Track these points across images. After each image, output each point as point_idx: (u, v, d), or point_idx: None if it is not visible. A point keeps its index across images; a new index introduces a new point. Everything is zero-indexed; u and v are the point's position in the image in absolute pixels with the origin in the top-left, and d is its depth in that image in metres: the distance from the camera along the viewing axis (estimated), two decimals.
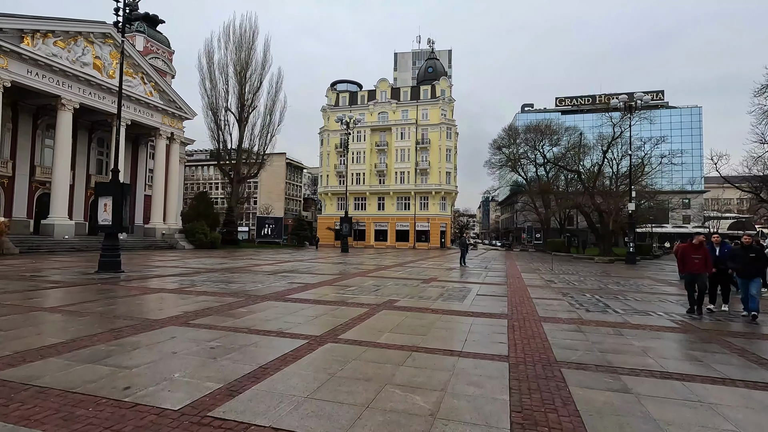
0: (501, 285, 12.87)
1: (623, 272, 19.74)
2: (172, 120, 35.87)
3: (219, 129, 45.26)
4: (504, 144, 65.56)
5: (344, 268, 18.27)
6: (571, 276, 16.80)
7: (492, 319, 7.36)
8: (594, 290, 12.02)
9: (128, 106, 31.66)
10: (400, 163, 63.32)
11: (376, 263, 21.98)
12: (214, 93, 44.65)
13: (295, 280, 12.68)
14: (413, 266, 20.36)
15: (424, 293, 10.42)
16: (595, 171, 39.15)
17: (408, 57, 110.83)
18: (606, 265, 25.60)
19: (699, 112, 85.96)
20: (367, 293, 10.10)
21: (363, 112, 66.52)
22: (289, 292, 9.86)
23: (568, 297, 10.38)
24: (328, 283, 12.19)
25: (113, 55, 30.34)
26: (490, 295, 10.50)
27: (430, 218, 61.14)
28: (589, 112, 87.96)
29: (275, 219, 45.95)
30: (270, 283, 11.79)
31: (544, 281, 14.39)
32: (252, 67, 46.84)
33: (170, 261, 19.78)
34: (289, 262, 20.74)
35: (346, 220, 34.46)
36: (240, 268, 16.35)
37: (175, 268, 15.84)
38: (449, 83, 65.65)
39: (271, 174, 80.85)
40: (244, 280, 12.19)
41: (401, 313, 7.64)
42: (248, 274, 14.05)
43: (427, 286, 12.06)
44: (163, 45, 40.78)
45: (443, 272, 17.20)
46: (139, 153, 38.10)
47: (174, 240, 34.37)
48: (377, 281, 12.91)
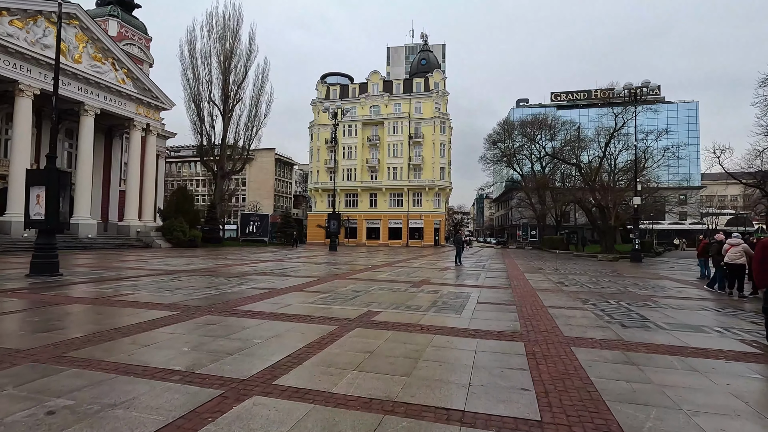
0: (504, 289, 10.93)
1: (634, 271, 17.92)
2: (148, 110, 33.54)
3: (202, 122, 43.04)
4: (499, 139, 63.79)
5: (326, 268, 16.24)
6: (580, 276, 14.93)
7: (503, 342, 5.39)
8: (615, 295, 10.13)
9: (97, 93, 29.34)
10: (392, 158, 61.32)
11: (364, 263, 19.99)
12: (197, 84, 42.46)
13: (260, 284, 10.65)
14: (404, 266, 18.39)
15: (413, 301, 8.44)
16: (596, 164, 37.42)
17: (401, 51, 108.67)
18: (611, 264, 23.82)
19: (696, 107, 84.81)
20: (343, 302, 8.10)
21: (354, 105, 64.38)
22: (242, 302, 7.83)
23: (590, 305, 8.46)
24: (299, 287, 10.17)
25: (79, 37, 28.00)
26: (493, 303, 8.54)
27: (423, 215, 59.23)
28: (585, 107, 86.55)
29: (260, 216, 43.73)
30: (228, 288, 9.75)
31: (553, 283, 12.49)
32: (236, 57, 44.65)
33: (133, 262, 17.63)
34: (266, 263, 18.68)
35: (333, 216, 32.38)
36: (205, 270, 14.27)
37: (132, 270, 13.73)
38: (443, 76, 63.67)
39: (260, 170, 78.54)
40: (196, 286, 10.14)
41: (379, 334, 5.65)
42: (209, 277, 11.99)
43: (417, 290, 10.09)
44: (140, 31, 38.37)
45: (437, 273, 15.24)
46: (113, 146, 35.70)
47: (150, 238, 32.10)
48: (360, 285, 10.92)
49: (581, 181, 39.36)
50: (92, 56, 28.91)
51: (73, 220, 28.58)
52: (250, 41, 45.54)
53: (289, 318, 6.52)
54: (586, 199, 34.75)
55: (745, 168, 33.73)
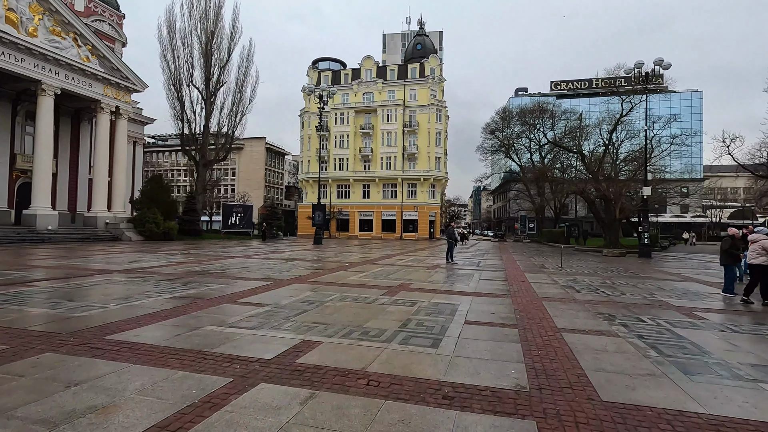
0: (502, 297, 8.66)
1: (649, 270, 15.69)
2: (117, 91, 30.86)
3: (183, 107, 40.44)
4: (497, 128, 61.30)
5: (294, 267, 13.94)
6: (590, 278, 12.68)
7: (502, 418, 3.11)
8: (644, 306, 7.87)
9: (57, 72, 26.65)
10: (386, 147, 58.81)
11: (343, 259, 17.69)
12: (177, 66, 39.77)
13: (191, 291, 8.34)
14: (388, 263, 16.10)
15: (376, 321, 6.15)
16: (600, 153, 35.09)
17: (397, 38, 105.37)
18: (619, 260, 21.64)
19: (699, 97, 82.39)
20: (277, 324, 5.80)
21: (347, 92, 61.75)
22: (125, 326, 5.51)
23: (619, 325, 6.18)
24: (237, 297, 7.86)
25: (34, 8, 25.24)
26: (487, 323, 6.26)
27: (418, 207, 56.93)
28: (586, 95, 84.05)
29: (244, 207, 41.23)
30: (138, 300, 7.44)
31: (561, 288, 10.23)
32: (219, 38, 41.95)
33: (78, 259, 15.25)
34: (231, 259, 16.35)
35: (318, 207, 29.95)
36: (146, 270, 11.94)
37: (56, 270, 11.38)
38: (439, 61, 60.95)
39: (250, 160, 75.90)
40: (103, 294, 7.82)
41: (295, 395, 3.36)
42: (137, 281, 9.66)
43: (389, 301, 7.80)
44: (111, 7, 35.50)
45: (422, 273, 12.96)
46: (81, 131, 33.07)
47: (119, 231, 29.66)
48: (319, 292, 8.63)
49: (583, 172, 37.11)
50: (50, 30, 26.18)
51: (30, 210, 26.21)
52: (233, 21, 42.86)
53: (163, 357, 4.21)
54: (588, 190, 32.48)
55: (752, 159, 31.68)
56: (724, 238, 10.20)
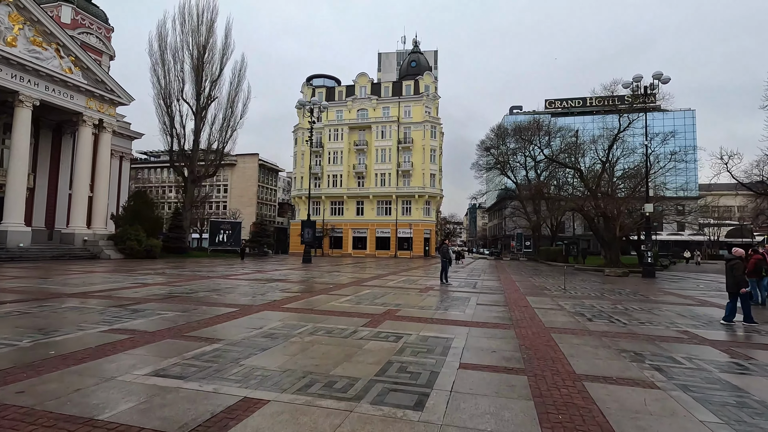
0: (503, 328, 7.42)
1: (659, 293, 14.50)
2: (101, 104, 29.84)
3: (172, 121, 39.52)
4: (492, 145, 60.83)
5: (271, 290, 12.63)
6: (599, 302, 11.47)
7: None
8: (671, 339, 6.65)
9: (36, 83, 25.64)
10: (380, 164, 58.00)
11: (329, 281, 16.39)
12: (167, 80, 39.04)
13: (137, 321, 7.04)
14: (377, 285, 14.83)
15: (346, 366, 4.89)
16: (598, 169, 34.31)
17: (392, 57, 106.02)
18: (622, 280, 20.48)
19: (693, 115, 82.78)
20: (220, 368, 4.54)
21: (341, 108, 61.28)
22: (23, 373, 4.23)
23: (652, 368, 4.96)
24: (191, 328, 6.57)
25: (13, 17, 24.39)
26: (488, 366, 5.01)
27: (412, 224, 55.78)
28: (580, 114, 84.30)
29: (232, 224, 39.85)
30: (73, 329, 6.14)
31: (570, 315, 9.01)
32: (211, 52, 41.42)
33: (31, 279, 13.87)
34: (206, 280, 15.00)
35: (308, 224, 28.68)
36: (102, 293, 10.60)
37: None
38: (434, 78, 60.85)
39: (242, 176, 74.84)
40: (25, 327, 6.52)
41: None
42: (78, 311, 8.35)
43: (369, 334, 6.53)
44: (99, 19, 34.84)
45: (412, 297, 11.70)
46: (63, 145, 31.89)
47: (98, 248, 28.20)
48: (288, 323, 7.36)
49: (580, 189, 36.28)
50: (31, 40, 25.28)
51: (1, 226, 24.77)
52: (226, 36, 42.44)
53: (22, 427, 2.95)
54: (587, 208, 31.54)
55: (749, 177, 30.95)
56: (733, 263, 8.72)
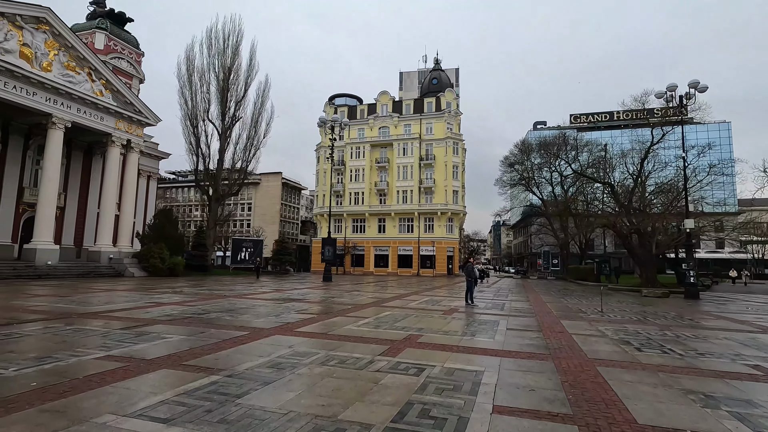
0: (540, 359, 6.52)
1: (710, 317, 13.13)
2: (129, 125, 30.68)
3: (197, 141, 40.41)
4: (516, 160, 59.60)
5: (284, 312, 12.05)
6: (644, 326, 10.33)
7: None
8: (743, 376, 5.61)
9: (68, 105, 26.57)
10: (402, 181, 57.59)
11: (348, 300, 15.72)
12: (194, 102, 40.13)
13: (137, 347, 6.53)
14: (398, 306, 14.05)
15: (358, 408, 4.16)
16: (630, 184, 32.72)
17: (414, 76, 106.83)
18: (663, 302, 18.97)
19: (728, 128, 79.36)
20: (210, 408, 3.91)
21: (363, 126, 61.62)
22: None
23: (736, 420, 4.03)
24: (191, 356, 6.01)
25: (50, 44, 25.47)
26: (528, 412, 4.18)
27: (435, 242, 54.75)
28: (607, 128, 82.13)
29: (254, 242, 39.95)
30: (67, 356, 5.67)
31: (614, 343, 7.99)
32: (236, 74, 42.43)
33: (42, 298, 13.79)
34: (222, 299, 14.58)
35: (328, 242, 28.25)
36: (113, 314, 10.27)
37: (6, 312, 9.84)
38: (455, 95, 60.55)
39: (266, 195, 75.81)
40: (20, 352, 6.10)
41: None
42: (81, 334, 7.96)
43: (387, 366, 5.79)
44: (130, 45, 36.25)
45: (437, 320, 10.87)
46: (93, 165, 32.87)
47: (122, 266, 28.54)
48: (298, 350, 6.71)
49: (610, 205, 34.64)
50: (65, 65, 26.32)
51: (31, 245, 25.37)
52: (250, 57, 43.42)
53: None
54: (620, 224, 29.94)
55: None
56: None
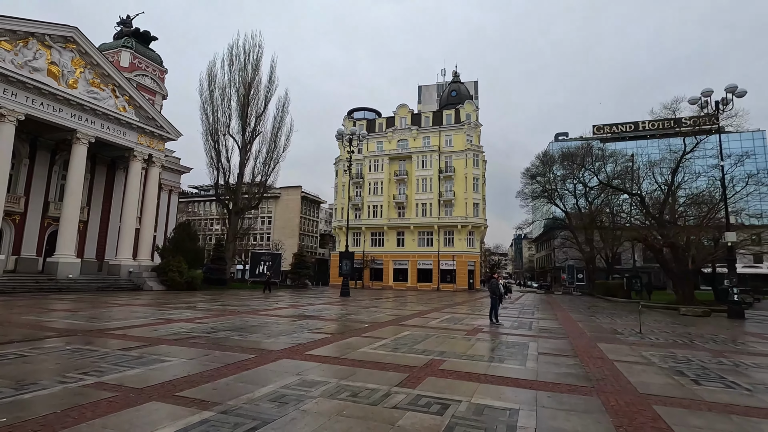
0: (583, 393, 5.66)
1: (762, 337, 11.83)
2: (151, 140, 31.14)
3: (218, 155, 40.89)
4: (538, 172, 58.19)
5: (296, 330, 11.43)
6: (694, 352, 9.25)
7: None
8: None
9: (92, 121, 27.12)
10: (421, 193, 56.90)
11: (365, 318, 15.01)
12: (215, 117, 40.75)
13: (131, 372, 6.00)
14: (418, 325, 13.26)
15: None
16: (661, 196, 31.16)
17: (432, 89, 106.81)
18: (704, 321, 17.54)
19: (762, 137, 75.95)
20: None
21: (381, 139, 61.54)
22: None
23: None
24: (188, 383, 5.42)
25: (76, 62, 26.15)
26: None
27: (456, 255, 53.56)
28: (632, 139, 79.83)
29: (272, 255, 39.78)
30: (54, 382, 5.17)
31: (664, 372, 7.03)
32: (256, 89, 42.97)
33: (53, 313, 13.58)
34: (234, 316, 14.08)
35: (346, 255, 27.67)
36: (118, 331, 9.85)
37: (13, 328, 9.55)
38: (475, 107, 59.90)
39: (286, 208, 76.25)
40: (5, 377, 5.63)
41: None
42: (79, 354, 7.51)
43: (405, 401, 5.05)
44: (154, 62, 37.15)
45: (460, 342, 10.05)
46: (116, 179, 33.41)
47: (141, 280, 28.61)
48: (306, 378, 6.04)
49: (638, 218, 32.99)
50: (90, 82, 26.96)
51: (53, 258, 25.68)
52: (270, 73, 44.00)
53: None
54: (653, 237, 28.37)
55: None
56: None
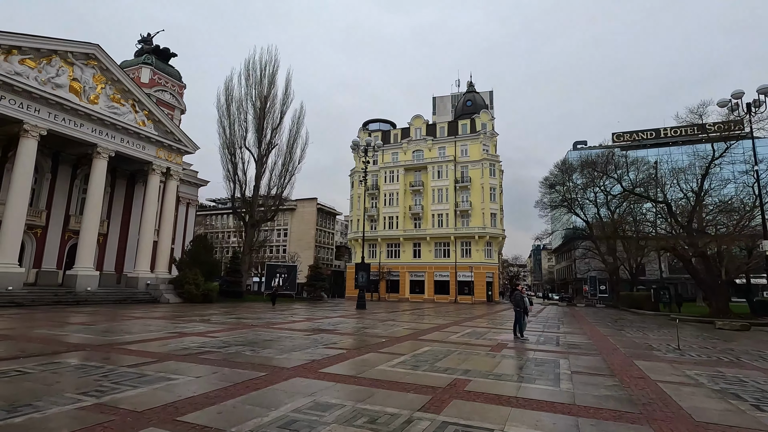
0: (630, 422, 4.98)
1: None
2: (169, 153, 31.51)
3: (235, 168, 41.22)
4: (557, 181, 57.01)
5: (311, 345, 10.94)
6: (744, 371, 8.39)
7: None
8: None
9: (112, 135, 27.57)
10: (437, 204, 56.26)
11: (382, 332, 14.43)
12: (232, 130, 41.21)
13: (130, 393, 5.59)
14: (438, 340, 12.62)
15: None
16: (687, 203, 29.91)
17: (447, 100, 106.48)
18: (744, 335, 16.38)
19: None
20: None
21: (396, 150, 61.36)
22: None
23: None
24: (190, 406, 4.98)
25: (97, 78, 26.72)
26: None
27: (473, 267, 52.50)
28: (654, 146, 77.80)
29: (288, 267, 39.57)
30: (49, 404, 4.80)
31: (720, 397, 6.27)
32: (272, 102, 43.39)
33: (63, 327, 13.41)
34: (247, 329, 13.69)
35: (362, 267, 27.19)
36: (126, 346, 9.53)
37: (21, 343, 9.33)
38: (491, 116, 59.33)
39: (301, 220, 76.46)
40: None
41: None
42: (82, 371, 7.17)
43: (429, 430, 4.50)
44: (173, 78, 37.89)
45: (484, 360, 9.40)
46: (135, 193, 33.85)
47: (158, 292, 28.66)
48: (319, 400, 5.53)
49: (662, 226, 31.65)
50: (110, 97, 27.48)
51: (73, 271, 25.92)
52: (286, 86, 44.46)
53: None
54: (681, 247, 27.09)
55: None
56: None
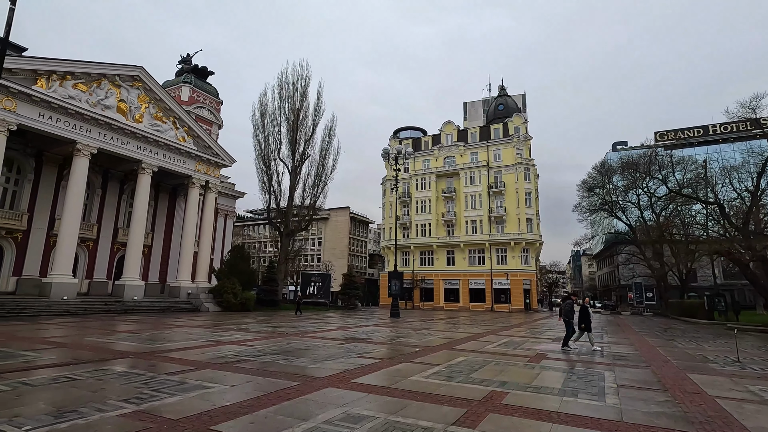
0: None
1: None
2: (208, 167, 32.77)
3: (270, 180, 42.32)
4: (596, 184, 54.71)
5: (344, 354, 10.87)
6: None
7: None
8: None
9: (156, 152, 29.00)
10: (470, 210, 55.37)
11: (416, 341, 14.20)
12: (266, 143, 42.41)
13: (157, 403, 5.70)
14: (473, 350, 12.26)
15: None
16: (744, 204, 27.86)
17: (478, 105, 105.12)
18: None
19: None
20: None
21: (428, 157, 61.11)
22: None
23: None
24: (215, 417, 5.01)
25: (142, 98, 28.25)
26: None
27: (510, 274, 51.11)
28: (701, 144, 73.41)
29: (322, 276, 39.98)
30: (78, 416, 4.97)
31: None
32: (304, 114, 44.35)
33: (114, 335, 14.03)
34: (281, 338, 13.84)
35: (395, 275, 27.03)
36: (165, 353, 9.83)
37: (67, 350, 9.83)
38: (524, 120, 57.99)
39: (335, 229, 77.35)
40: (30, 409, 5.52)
41: None
42: (123, 379, 7.41)
43: None
44: (211, 95, 39.55)
45: (521, 372, 8.99)
46: (177, 205, 35.37)
47: (199, 301, 29.67)
48: (351, 412, 5.43)
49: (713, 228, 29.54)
50: (154, 116, 28.97)
51: (120, 281, 27.28)
52: (318, 98, 45.28)
53: None
54: (737, 251, 25.21)
55: None
56: None
